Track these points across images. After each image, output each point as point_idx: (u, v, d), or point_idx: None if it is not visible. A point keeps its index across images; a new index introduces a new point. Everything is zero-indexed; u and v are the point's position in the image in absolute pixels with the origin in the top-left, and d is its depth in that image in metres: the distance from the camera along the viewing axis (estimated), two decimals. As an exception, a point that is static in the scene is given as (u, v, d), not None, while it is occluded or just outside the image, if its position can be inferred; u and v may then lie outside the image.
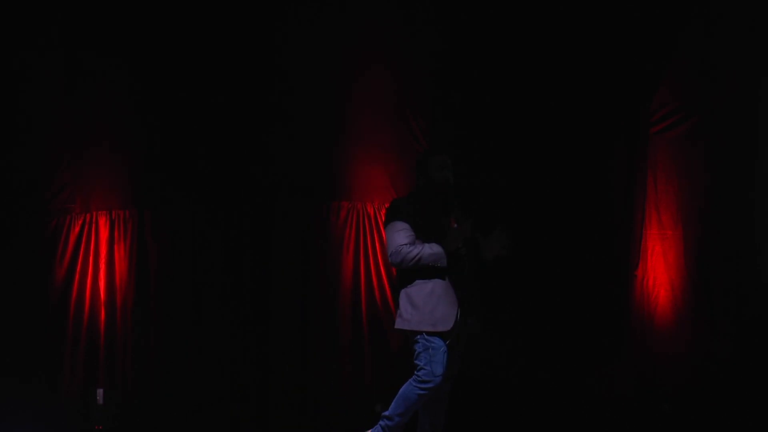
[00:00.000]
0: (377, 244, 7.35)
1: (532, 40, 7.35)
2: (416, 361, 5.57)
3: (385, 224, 5.75)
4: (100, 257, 7.29)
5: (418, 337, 5.57)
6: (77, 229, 7.30)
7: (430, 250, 5.55)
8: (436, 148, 5.89)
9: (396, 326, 5.70)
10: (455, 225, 5.62)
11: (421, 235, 5.61)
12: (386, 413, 5.63)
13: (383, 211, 7.34)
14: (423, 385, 5.52)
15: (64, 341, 7.20)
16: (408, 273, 5.65)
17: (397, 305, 5.73)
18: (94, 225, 7.31)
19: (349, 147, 7.38)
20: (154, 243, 7.28)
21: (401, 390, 5.61)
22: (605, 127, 7.44)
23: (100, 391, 7.18)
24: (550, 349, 7.25)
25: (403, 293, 5.67)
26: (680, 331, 7.42)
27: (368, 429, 5.67)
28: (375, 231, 7.35)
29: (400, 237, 5.61)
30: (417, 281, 5.61)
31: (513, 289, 7.28)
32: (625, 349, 7.32)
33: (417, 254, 5.55)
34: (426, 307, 5.57)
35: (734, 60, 7.40)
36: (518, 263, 7.26)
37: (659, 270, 7.47)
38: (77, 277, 7.25)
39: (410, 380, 5.58)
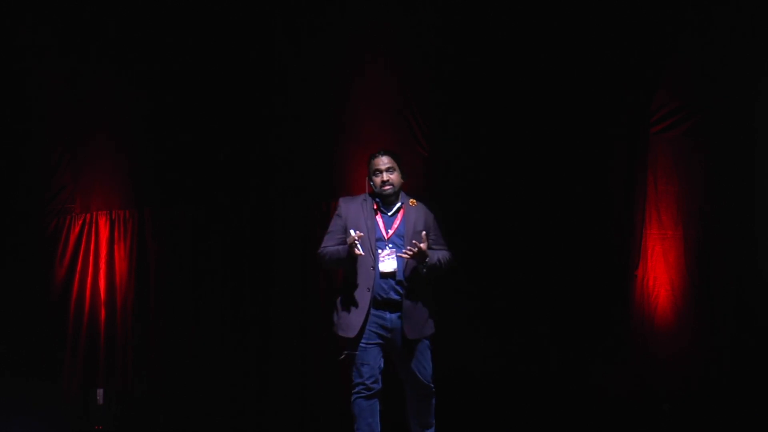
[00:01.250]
0: (377, 244, 7.35)
1: (533, 41, 7.34)
2: None
3: None
4: (100, 257, 7.30)
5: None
6: (77, 229, 7.32)
7: (329, 255, 5.66)
8: (379, 149, 5.84)
9: None
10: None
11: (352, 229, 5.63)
12: None
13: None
14: (353, 389, 5.65)
15: (64, 341, 7.21)
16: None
17: None
18: (94, 225, 7.32)
19: (349, 146, 7.38)
20: (154, 243, 7.29)
21: None
22: (605, 127, 7.43)
23: (100, 391, 7.19)
24: (550, 349, 7.25)
25: None
26: (680, 331, 7.41)
27: None
28: (375, 231, 7.34)
29: (324, 239, 5.77)
30: (343, 285, 5.73)
31: (513, 289, 7.28)
32: (625, 349, 7.31)
33: (321, 257, 5.72)
34: (341, 312, 5.67)
35: (734, 60, 7.40)
36: (518, 263, 7.29)
37: (659, 270, 7.46)
38: (77, 276, 7.26)
39: None
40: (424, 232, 5.60)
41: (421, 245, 5.54)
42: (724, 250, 7.42)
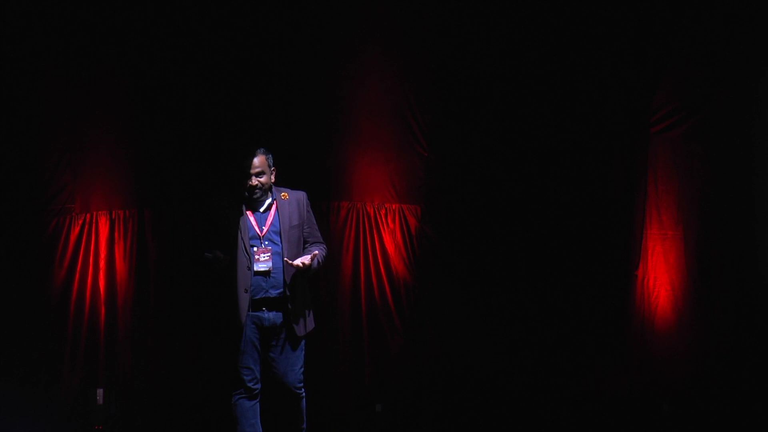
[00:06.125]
0: (377, 244, 7.36)
1: (534, 41, 7.35)
2: None
3: None
4: (100, 257, 7.29)
5: None
6: (77, 229, 7.31)
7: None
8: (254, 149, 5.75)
9: None
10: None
11: (223, 232, 5.57)
12: None
13: (383, 211, 7.36)
14: (236, 391, 5.58)
15: (64, 341, 7.21)
16: None
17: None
18: (94, 225, 7.32)
19: (348, 147, 7.38)
20: (154, 243, 7.28)
21: None
22: (606, 127, 7.45)
23: (100, 391, 7.19)
24: (551, 349, 7.25)
25: None
26: (681, 330, 7.42)
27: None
28: (375, 231, 7.35)
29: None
30: (222, 286, 5.63)
31: (513, 289, 7.28)
32: (625, 349, 7.32)
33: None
34: (224, 312, 5.60)
35: (733, 60, 7.41)
36: (518, 263, 7.29)
37: (659, 270, 7.47)
38: (77, 276, 7.25)
39: None
40: (316, 252, 5.57)
41: (306, 262, 5.48)
42: (724, 250, 7.44)
